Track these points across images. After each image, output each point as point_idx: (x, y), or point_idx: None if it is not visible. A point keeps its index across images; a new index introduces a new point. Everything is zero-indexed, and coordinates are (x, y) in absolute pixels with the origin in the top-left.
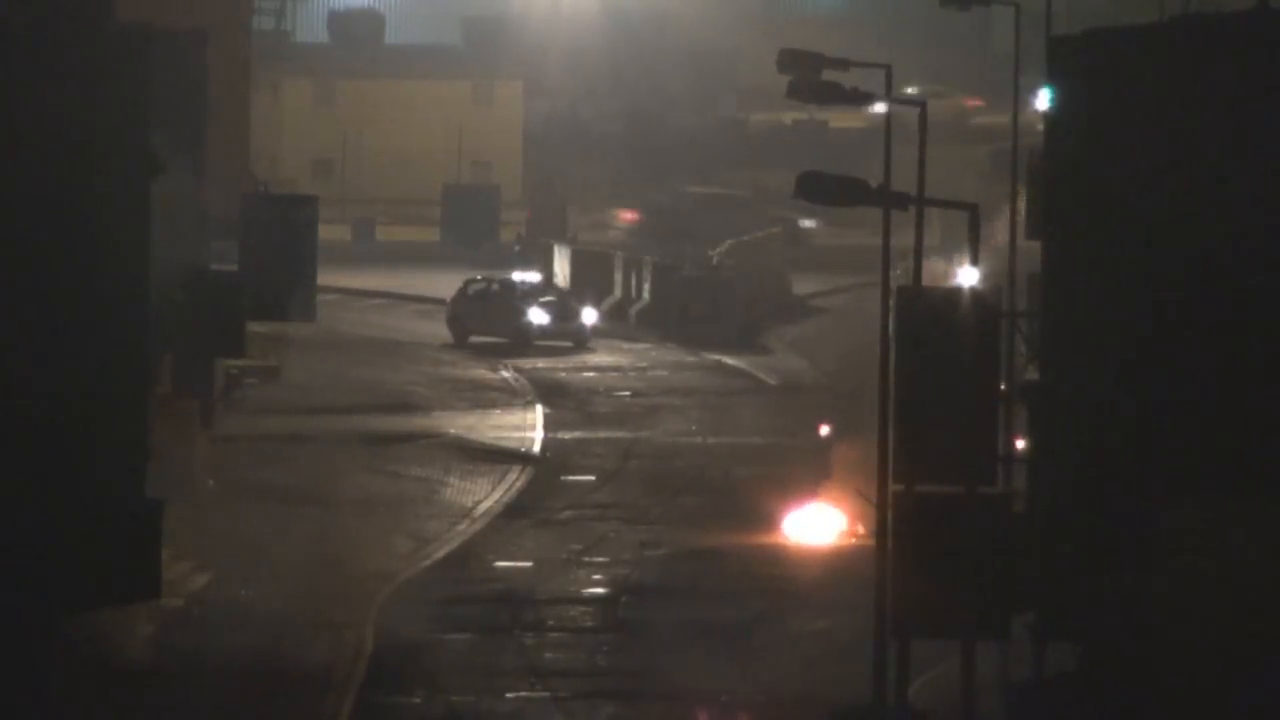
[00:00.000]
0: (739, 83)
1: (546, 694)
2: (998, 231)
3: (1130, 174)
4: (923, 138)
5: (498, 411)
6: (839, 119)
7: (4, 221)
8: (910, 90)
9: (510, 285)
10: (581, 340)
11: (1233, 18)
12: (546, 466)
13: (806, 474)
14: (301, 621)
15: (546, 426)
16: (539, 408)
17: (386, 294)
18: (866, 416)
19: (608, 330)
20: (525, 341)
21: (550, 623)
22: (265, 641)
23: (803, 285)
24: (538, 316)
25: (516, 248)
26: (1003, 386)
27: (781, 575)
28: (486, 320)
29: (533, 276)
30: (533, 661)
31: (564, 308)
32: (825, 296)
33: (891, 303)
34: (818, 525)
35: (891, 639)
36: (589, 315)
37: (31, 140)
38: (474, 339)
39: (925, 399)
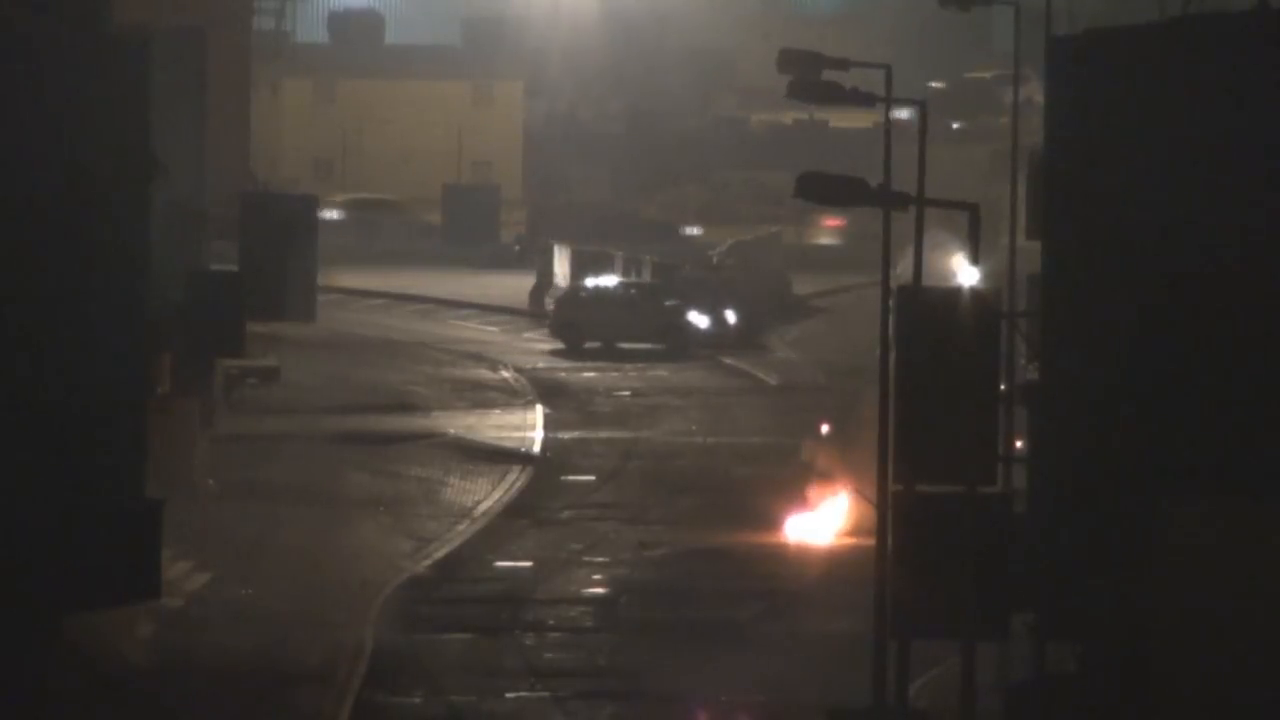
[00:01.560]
0: (739, 83)
1: (546, 694)
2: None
3: (1130, 174)
4: (922, 138)
5: (498, 411)
6: (839, 119)
7: (4, 222)
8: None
9: (654, 287)
10: (730, 342)
11: (1233, 18)
12: (546, 466)
13: (807, 473)
14: (301, 621)
15: (546, 426)
16: (539, 407)
17: (387, 294)
18: (867, 415)
19: None
20: (681, 346)
21: (550, 623)
22: (265, 641)
23: (803, 285)
24: (699, 319)
25: (516, 248)
26: (1003, 386)
27: (781, 575)
28: (620, 324)
29: (609, 279)
30: (533, 661)
31: (713, 309)
32: (825, 296)
33: (891, 303)
34: (818, 525)
35: (891, 639)
36: (730, 316)
37: (31, 141)
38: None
39: (925, 399)
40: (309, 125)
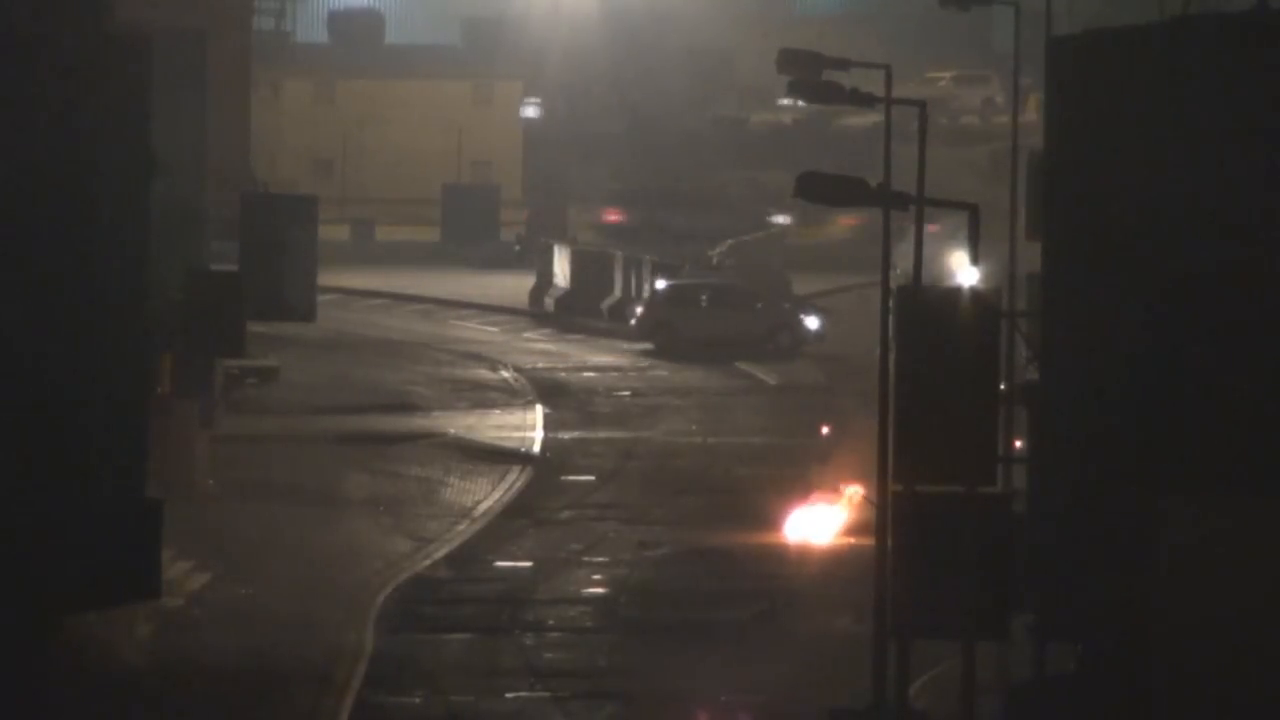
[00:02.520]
0: (739, 83)
1: (546, 694)
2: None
3: (1130, 174)
4: (922, 138)
5: (498, 411)
6: (839, 119)
7: (3, 221)
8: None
9: (745, 288)
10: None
11: (1233, 18)
12: (546, 466)
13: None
14: (301, 621)
15: (546, 426)
16: (539, 408)
17: (387, 294)
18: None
19: (608, 330)
20: (793, 348)
21: (550, 623)
22: (265, 641)
23: (803, 285)
24: (812, 321)
25: (516, 247)
26: (1003, 386)
27: (781, 575)
28: (723, 324)
29: (693, 278)
30: (533, 661)
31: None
32: (825, 296)
33: (891, 303)
34: (818, 525)
35: (891, 639)
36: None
37: (31, 140)
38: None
39: (925, 399)
40: (309, 125)
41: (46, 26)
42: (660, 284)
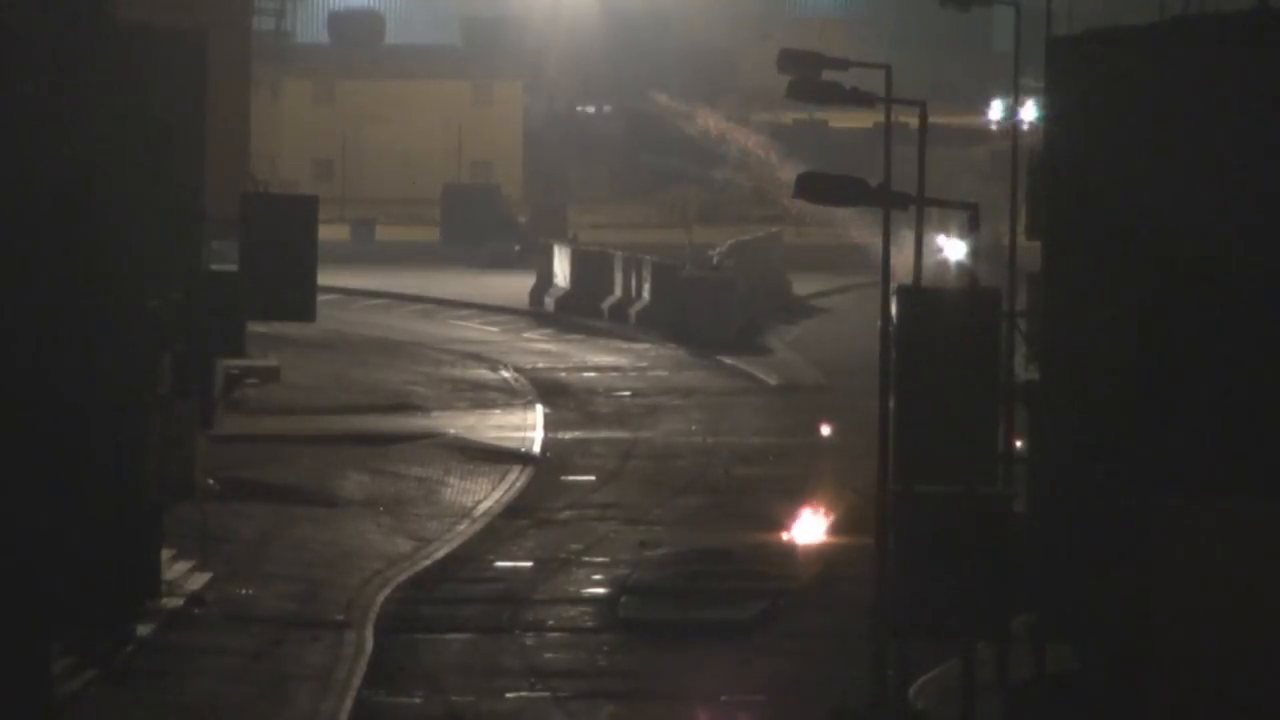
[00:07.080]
0: (739, 83)
1: (546, 694)
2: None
3: (1130, 174)
4: (922, 137)
5: (498, 411)
6: (839, 119)
7: (3, 222)
8: None
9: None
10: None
11: (1233, 18)
12: (546, 466)
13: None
14: (301, 621)
15: (546, 426)
16: (539, 408)
17: (387, 294)
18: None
19: (608, 330)
20: None
21: (550, 623)
22: (264, 641)
23: (803, 285)
24: None
25: (516, 248)
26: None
27: (782, 575)
28: None
29: None
30: (533, 661)
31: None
32: (825, 296)
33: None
34: (818, 525)
35: (891, 639)
36: None
37: (31, 140)
38: None
39: (925, 399)
40: (309, 125)
41: (47, 26)
42: None
